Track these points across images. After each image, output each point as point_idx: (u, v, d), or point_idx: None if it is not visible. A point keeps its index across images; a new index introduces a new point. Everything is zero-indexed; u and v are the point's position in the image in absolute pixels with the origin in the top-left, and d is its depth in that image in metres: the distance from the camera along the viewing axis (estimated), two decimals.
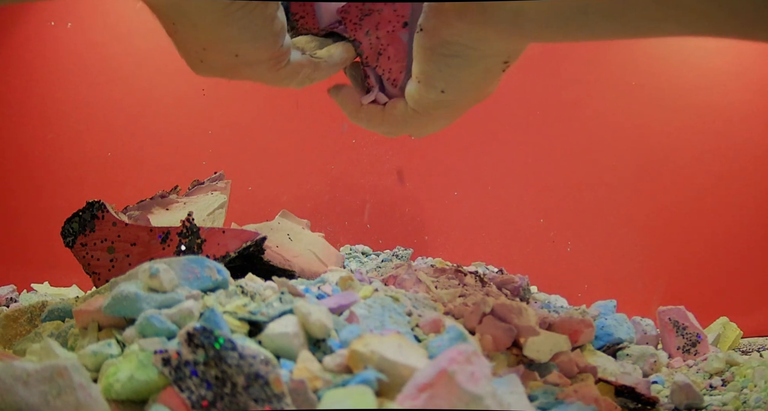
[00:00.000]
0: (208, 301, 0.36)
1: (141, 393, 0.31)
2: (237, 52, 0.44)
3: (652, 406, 0.43)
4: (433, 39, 0.42)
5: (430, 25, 0.42)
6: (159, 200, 0.64)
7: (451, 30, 0.41)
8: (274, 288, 0.39)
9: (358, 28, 0.50)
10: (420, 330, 0.40)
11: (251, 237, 0.53)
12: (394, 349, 0.31)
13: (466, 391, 0.27)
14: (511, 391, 0.35)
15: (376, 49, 0.50)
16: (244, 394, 0.29)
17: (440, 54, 0.43)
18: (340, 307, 0.39)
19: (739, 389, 0.47)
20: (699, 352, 0.57)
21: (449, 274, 0.59)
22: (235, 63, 0.45)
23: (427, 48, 0.43)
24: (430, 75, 0.44)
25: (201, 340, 0.31)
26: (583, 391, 0.38)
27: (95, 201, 0.55)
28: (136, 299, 0.35)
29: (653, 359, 0.51)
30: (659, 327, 0.60)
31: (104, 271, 0.54)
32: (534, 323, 0.42)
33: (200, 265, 0.39)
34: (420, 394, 0.28)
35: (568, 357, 0.43)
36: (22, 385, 0.29)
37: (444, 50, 0.42)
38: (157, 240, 0.53)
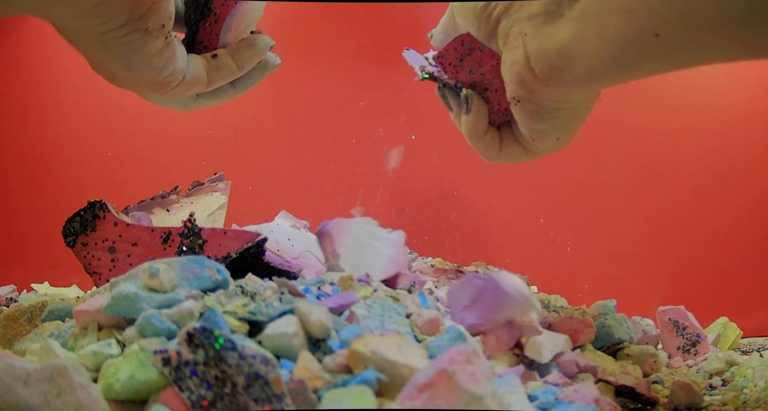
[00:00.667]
0: (208, 301, 0.36)
1: (141, 393, 0.31)
2: (114, 74, 0.45)
3: (652, 406, 0.43)
4: (530, 104, 0.47)
5: (520, 94, 0.46)
6: (159, 200, 0.64)
7: (541, 94, 0.45)
8: (274, 288, 0.39)
9: (459, 69, 0.52)
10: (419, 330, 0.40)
11: (252, 238, 0.53)
12: (394, 349, 0.31)
13: (466, 391, 0.27)
14: (511, 391, 0.35)
15: (482, 85, 0.52)
16: (244, 394, 0.29)
17: (544, 113, 0.47)
18: (340, 307, 0.39)
19: (739, 389, 0.47)
20: (699, 352, 0.57)
21: (449, 274, 0.59)
22: (116, 81, 0.47)
23: (532, 112, 0.47)
24: (544, 131, 0.49)
25: (201, 340, 0.31)
26: (583, 391, 0.38)
27: (96, 201, 0.55)
28: (136, 299, 0.35)
29: (653, 359, 0.51)
30: (659, 327, 0.60)
31: (105, 271, 0.54)
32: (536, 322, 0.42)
33: (200, 265, 0.39)
34: (420, 394, 0.28)
35: (569, 357, 0.43)
36: (22, 384, 0.29)
37: (545, 109, 0.47)
38: (159, 240, 0.54)
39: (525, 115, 0.48)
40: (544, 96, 0.46)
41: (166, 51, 0.45)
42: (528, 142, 0.51)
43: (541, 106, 0.47)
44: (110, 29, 0.41)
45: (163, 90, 0.48)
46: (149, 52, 0.44)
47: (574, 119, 0.49)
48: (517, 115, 0.48)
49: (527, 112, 0.48)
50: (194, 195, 0.67)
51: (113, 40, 0.42)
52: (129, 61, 0.44)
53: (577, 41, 0.41)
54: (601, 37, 0.39)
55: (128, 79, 0.46)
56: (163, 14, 0.43)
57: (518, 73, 0.45)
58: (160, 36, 0.44)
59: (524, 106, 0.47)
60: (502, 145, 0.53)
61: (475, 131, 0.53)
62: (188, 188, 0.68)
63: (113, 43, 0.42)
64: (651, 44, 0.37)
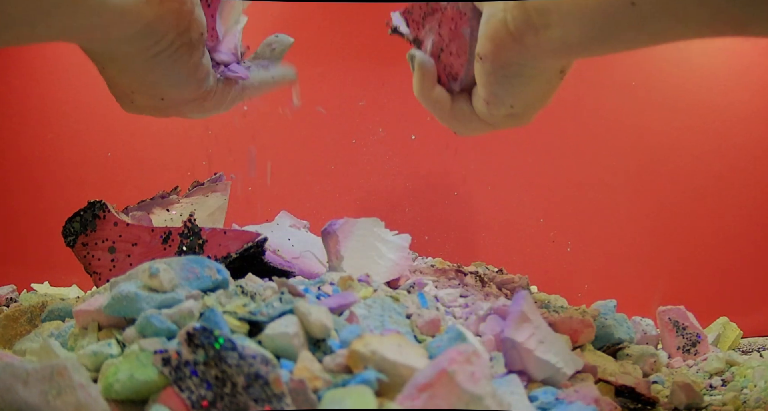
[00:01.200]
0: (208, 301, 0.36)
1: (141, 393, 0.31)
2: (162, 96, 0.46)
3: (652, 406, 0.43)
4: (494, 63, 0.45)
5: (488, 50, 0.45)
6: (159, 201, 0.64)
7: (509, 53, 0.44)
8: (274, 288, 0.39)
9: (420, 26, 0.53)
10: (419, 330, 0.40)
11: (252, 238, 0.53)
12: (394, 349, 0.31)
13: (466, 391, 0.27)
14: (511, 391, 0.35)
15: (438, 46, 0.52)
16: (244, 394, 0.29)
17: (503, 75, 0.46)
18: (340, 307, 0.39)
19: (739, 389, 0.47)
20: (699, 352, 0.57)
21: (449, 274, 0.59)
22: (163, 105, 0.48)
23: (490, 73, 0.46)
24: (498, 95, 0.47)
25: (201, 340, 0.31)
26: (583, 391, 0.38)
27: (97, 201, 0.55)
28: (136, 299, 0.35)
29: (653, 359, 0.51)
30: (659, 327, 0.60)
31: (105, 271, 0.54)
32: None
33: (200, 265, 0.39)
34: (420, 394, 0.28)
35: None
36: (22, 384, 0.29)
37: (506, 71, 0.45)
38: (159, 240, 0.54)
39: (485, 74, 0.46)
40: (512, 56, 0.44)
41: (205, 60, 0.46)
42: (483, 106, 0.50)
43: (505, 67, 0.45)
44: (162, 48, 0.42)
45: (205, 102, 0.49)
46: (195, 64, 0.45)
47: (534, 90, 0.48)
48: (478, 73, 0.47)
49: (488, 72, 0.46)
50: (194, 195, 0.67)
51: (166, 59, 0.43)
52: (179, 76, 0.45)
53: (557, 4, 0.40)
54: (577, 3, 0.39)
55: (177, 97, 0.47)
56: (201, 23, 0.44)
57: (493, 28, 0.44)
58: (200, 46, 0.45)
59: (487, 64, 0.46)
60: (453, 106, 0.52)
61: (419, 88, 0.52)
62: (188, 188, 0.68)
63: (165, 62, 0.43)
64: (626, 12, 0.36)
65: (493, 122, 0.51)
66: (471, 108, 0.51)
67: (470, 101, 0.51)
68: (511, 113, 0.49)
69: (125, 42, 0.41)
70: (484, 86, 0.47)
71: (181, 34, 0.43)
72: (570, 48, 0.42)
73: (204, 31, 0.45)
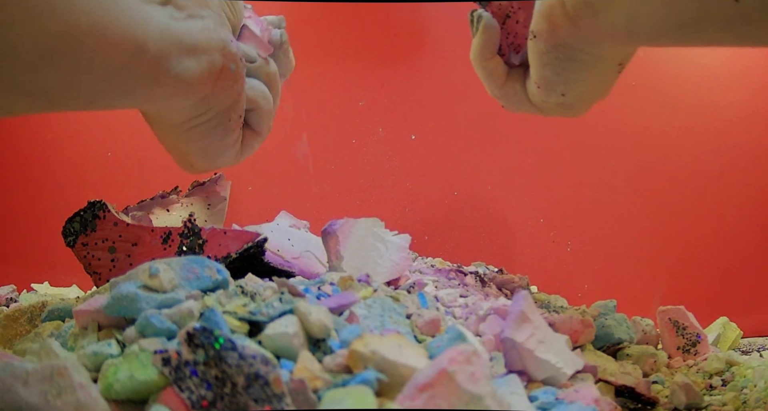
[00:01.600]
0: (208, 301, 0.36)
1: (141, 393, 0.31)
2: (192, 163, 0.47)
3: (652, 406, 0.43)
4: (547, 42, 0.42)
5: (542, 28, 0.42)
6: (159, 201, 0.64)
7: (563, 33, 0.41)
8: (274, 288, 0.39)
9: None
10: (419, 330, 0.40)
11: (252, 238, 0.53)
12: (394, 349, 0.31)
13: (466, 391, 0.27)
14: (512, 391, 0.35)
15: (505, 11, 0.48)
16: (244, 394, 0.29)
17: (555, 57, 0.43)
18: (340, 307, 0.39)
19: (739, 389, 0.47)
20: (699, 352, 0.57)
21: (449, 274, 0.59)
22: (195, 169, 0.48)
23: (543, 52, 0.43)
24: (549, 79, 0.44)
25: (201, 340, 0.31)
26: (583, 391, 0.38)
27: (97, 201, 0.55)
28: (136, 299, 0.35)
29: (653, 359, 0.51)
30: (659, 327, 0.60)
31: (105, 271, 0.54)
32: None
33: (200, 265, 0.39)
34: (420, 394, 0.28)
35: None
36: (21, 384, 0.29)
37: (558, 54, 0.42)
38: (159, 240, 0.54)
39: (537, 55, 0.43)
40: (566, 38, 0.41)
41: (239, 141, 0.47)
42: (533, 90, 0.47)
43: (558, 48, 0.42)
44: (203, 122, 0.43)
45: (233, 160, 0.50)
46: (227, 144, 0.46)
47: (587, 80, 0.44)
48: (531, 52, 0.44)
49: (540, 52, 0.43)
50: (194, 195, 0.67)
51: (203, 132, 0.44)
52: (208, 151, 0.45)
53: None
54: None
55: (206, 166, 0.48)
56: (242, 106, 0.45)
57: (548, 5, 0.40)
58: (237, 128, 0.46)
59: (539, 43, 0.42)
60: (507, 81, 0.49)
61: (477, 53, 0.49)
62: (188, 188, 0.68)
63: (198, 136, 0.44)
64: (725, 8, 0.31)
65: (543, 108, 0.48)
66: (524, 88, 0.48)
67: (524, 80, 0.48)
68: (563, 102, 0.46)
69: (176, 112, 0.42)
70: (535, 67, 0.45)
71: (224, 112, 0.43)
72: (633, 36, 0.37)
73: (243, 114, 0.46)
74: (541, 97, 0.46)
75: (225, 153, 0.46)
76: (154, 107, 0.41)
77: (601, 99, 0.48)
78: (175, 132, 0.44)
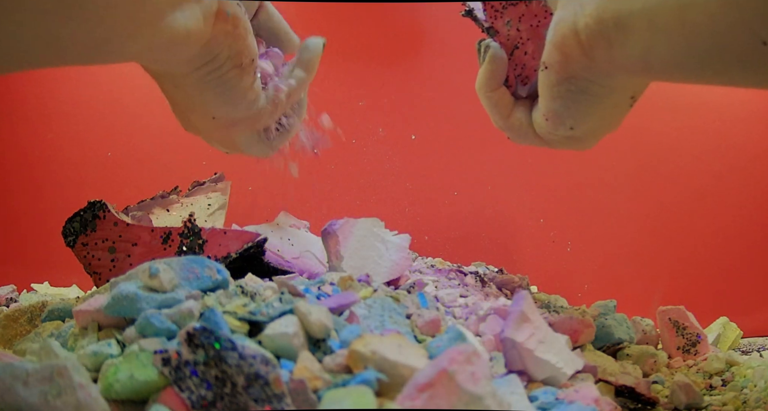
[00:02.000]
0: (208, 301, 0.36)
1: (141, 393, 0.31)
2: (214, 115, 0.47)
3: (652, 406, 0.43)
4: (558, 74, 0.41)
5: (554, 59, 0.40)
6: (159, 201, 0.64)
7: (576, 65, 0.39)
8: (274, 288, 0.39)
9: (499, 15, 0.48)
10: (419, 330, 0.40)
11: (252, 238, 0.53)
12: (394, 349, 0.31)
13: (466, 391, 0.27)
14: (512, 391, 0.35)
15: (513, 41, 0.47)
16: (244, 394, 0.29)
17: (567, 90, 0.41)
18: (340, 307, 0.39)
19: (739, 389, 0.47)
20: (699, 352, 0.57)
21: (449, 274, 0.59)
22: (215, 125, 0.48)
23: (554, 84, 0.41)
24: (558, 112, 0.43)
25: (201, 340, 0.31)
26: (583, 391, 0.38)
27: (97, 201, 0.55)
28: (136, 299, 0.35)
29: (653, 359, 0.51)
30: (659, 327, 0.60)
31: (105, 271, 0.54)
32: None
33: (200, 265, 0.39)
34: (420, 394, 0.28)
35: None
36: (21, 384, 0.29)
37: (570, 86, 0.41)
38: (159, 240, 0.54)
39: (548, 86, 0.42)
40: (579, 70, 0.40)
41: (256, 84, 0.47)
42: (541, 122, 0.45)
43: (570, 81, 0.41)
44: (213, 68, 0.43)
45: (257, 124, 0.50)
46: (244, 88, 0.46)
47: (599, 113, 0.43)
48: (541, 83, 0.43)
49: (551, 84, 0.42)
50: (194, 195, 0.67)
51: (216, 79, 0.44)
52: (228, 97, 0.46)
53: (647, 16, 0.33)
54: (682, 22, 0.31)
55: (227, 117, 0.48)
56: (252, 50, 0.45)
57: (561, 35, 0.39)
58: (251, 71, 0.46)
59: (551, 75, 0.41)
60: (512, 113, 0.48)
61: (483, 84, 0.48)
62: (188, 188, 0.68)
63: (214, 83, 0.44)
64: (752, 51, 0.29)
65: (550, 141, 0.47)
66: (529, 120, 0.47)
67: (530, 112, 0.47)
68: (571, 136, 0.45)
69: (185, 62, 0.42)
70: (545, 99, 0.43)
71: (232, 57, 0.44)
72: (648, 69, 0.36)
73: (255, 58, 0.46)
74: (548, 129, 0.45)
75: (245, 97, 0.46)
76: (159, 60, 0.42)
77: (609, 132, 0.47)
78: (189, 84, 0.44)
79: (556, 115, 0.43)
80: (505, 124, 0.49)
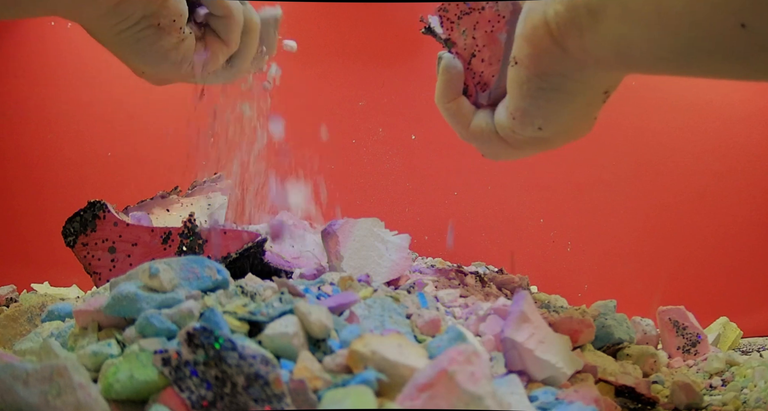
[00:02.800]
0: (208, 301, 0.36)
1: (141, 393, 0.31)
2: (142, 70, 0.48)
3: (652, 406, 0.43)
4: (529, 70, 0.38)
5: (525, 53, 0.38)
6: (159, 200, 0.64)
7: (548, 58, 0.37)
8: (274, 288, 0.39)
9: (454, 26, 0.47)
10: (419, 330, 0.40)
11: (252, 238, 0.53)
12: (394, 349, 0.31)
13: (466, 391, 0.27)
14: (512, 391, 0.35)
15: (470, 50, 0.47)
16: (244, 394, 0.29)
17: (538, 88, 0.39)
18: (339, 307, 0.39)
19: (739, 389, 0.47)
20: (699, 352, 0.57)
21: (449, 274, 0.59)
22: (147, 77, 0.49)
23: (524, 81, 0.39)
24: (528, 111, 0.41)
25: (201, 340, 0.31)
26: (583, 391, 0.38)
27: (96, 201, 0.55)
28: (136, 299, 0.35)
29: (653, 359, 0.51)
30: (659, 327, 0.60)
31: (105, 271, 0.54)
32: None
33: (200, 265, 0.39)
34: (420, 394, 0.28)
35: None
36: (21, 384, 0.29)
37: (542, 83, 0.39)
38: (159, 240, 0.54)
39: (517, 83, 0.40)
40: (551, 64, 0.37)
41: (182, 46, 0.47)
42: (506, 123, 0.43)
43: (541, 77, 0.38)
44: (126, 27, 0.44)
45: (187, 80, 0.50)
46: (163, 47, 0.46)
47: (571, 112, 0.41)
48: (510, 80, 0.40)
49: (521, 81, 0.39)
50: (194, 195, 0.67)
51: (129, 38, 0.44)
52: (146, 56, 0.46)
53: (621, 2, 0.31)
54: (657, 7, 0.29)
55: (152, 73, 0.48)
56: (174, 10, 0.45)
57: (531, 26, 0.37)
58: (172, 31, 0.45)
59: (521, 71, 0.39)
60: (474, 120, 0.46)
61: (440, 95, 0.47)
62: (188, 188, 0.68)
63: (129, 40, 0.45)
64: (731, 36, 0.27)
65: (515, 142, 0.44)
66: (492, 126, 0.45)
67: (492, 117, 0.45)
68: (538, 136, 0.43)
69: (95, 19, 0.43)
70: (513, 97, 0.41)
71: (147, 17, 0.43)
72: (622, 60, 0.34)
73: (179, 19, 0.45)
74: (515, 129, 0.43)
75: (168, 55, 0.46)
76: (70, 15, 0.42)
77: (581, 136, 0.45)
78: (107, 39, 0.45)
79: (524, 113, 0.41)
80: (467, 133, 0.48)
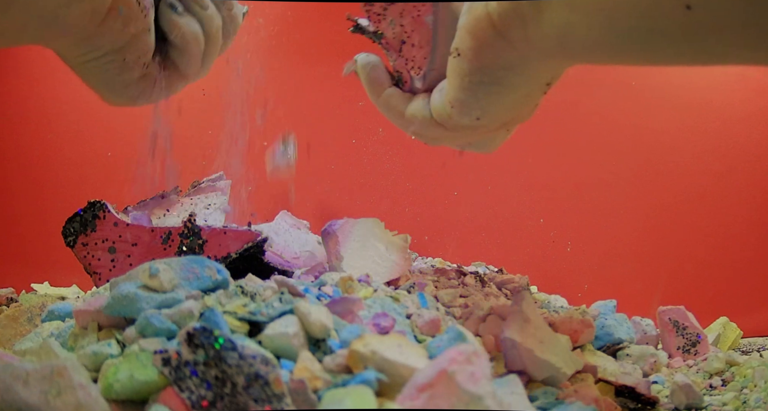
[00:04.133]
0: (208, 301, 0.36)
1: (141, 393, 0.31)
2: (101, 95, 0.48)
3: (652, 406, 0.43)
4: (471, 63, 0.37)
5: (467, 45, 0.37)
6: (159, 201, 0.64)
7: (490, 51, 0.36)
8: (274, 288, 0.39)
9: (381, 18, 0.48)
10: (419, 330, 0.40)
11: (252, 238, 0.53)
12: (394, 349, 0.31)
13: (466, 391, 0.27)
14: (512, 391, 0.35)
15: (399, 38, 0.47)
16: (244, 394, 0.29)
17: (479, 81, 0.38)
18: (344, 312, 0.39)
19: (739, 389, 0.47)
20: (699, 352, 0.57)
21: (449, 274, 0.59)
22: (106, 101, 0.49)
23: (465, 74, 0.38)
24: (466, 103, 0.40)
25: (201, 340, 0.31)
26: (583, 391, 0.38)
27: (96, 201, 0.55)
28: (136, 299, 0.35)
29: (653, 359, 0.51)
30: (659, 327, 0.60)
31: (105, 271, 0.54)
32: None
33: (200, 265, 0.39)
34: (420, 395, 0.28)
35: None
36: (21, 384, 0.29)
37: (483, 77, 0.38)
38: (159, 240, 0.54)
39: (458, 75, 0.39)
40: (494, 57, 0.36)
41: (142, 82, 0.47)
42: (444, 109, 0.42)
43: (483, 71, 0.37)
44: (93, 58, 0.44)
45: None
46: (124, 81, 0.46)
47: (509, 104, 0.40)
48: (451, 71, 0.39)
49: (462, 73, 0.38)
50: (194, 195, 0.67)
51: (94, 68, 0.45)
52: (108, 85, 0.47)
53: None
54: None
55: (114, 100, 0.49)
56: (141, 48, 0.45)
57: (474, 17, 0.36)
58: (134, 67, 0.46)
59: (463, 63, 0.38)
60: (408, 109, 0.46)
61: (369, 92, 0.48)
62: (188, 188, 0.68)
63: (94, 71, 0.45)
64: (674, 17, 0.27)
65: (451, 127, 0.44)
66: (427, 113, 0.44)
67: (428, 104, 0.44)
68: (475, 125, 0.42)
69: (65, 47, 0.43)
70: (453, 88, 0.40)
71: (115, 51, 0.44)
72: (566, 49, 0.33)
73: (143, 56, 0.46)
74: (452, 118, 0.42)
75: (128, 89, 0.47)
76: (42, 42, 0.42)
77: (522, 122, 0.44)
78: (74, 66, 0.45)
79: (463, 105, 0.40)
80: (402, 121, 0.47)
